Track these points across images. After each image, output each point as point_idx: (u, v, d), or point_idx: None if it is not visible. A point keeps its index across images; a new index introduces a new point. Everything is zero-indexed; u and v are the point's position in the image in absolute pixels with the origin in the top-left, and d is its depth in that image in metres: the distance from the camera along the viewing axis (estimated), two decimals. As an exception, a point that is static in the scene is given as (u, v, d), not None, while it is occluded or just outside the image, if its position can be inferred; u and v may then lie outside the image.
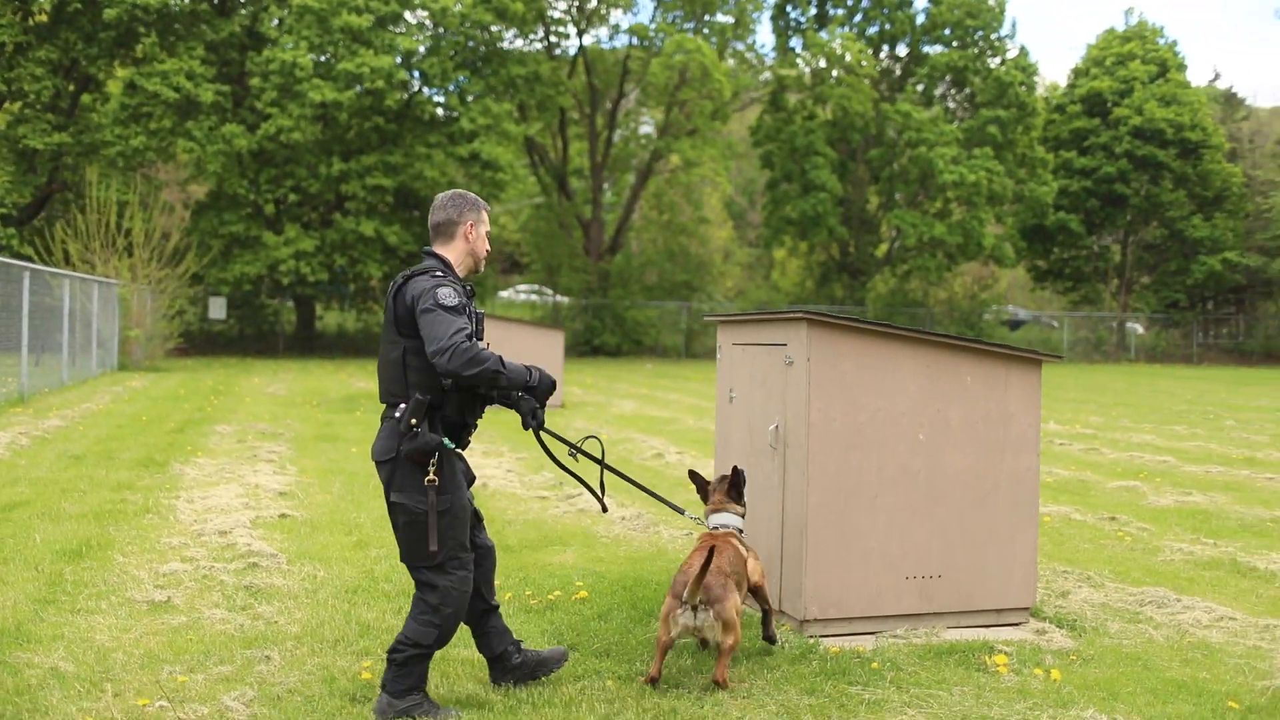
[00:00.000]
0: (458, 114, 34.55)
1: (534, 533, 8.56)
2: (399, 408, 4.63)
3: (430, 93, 35.60)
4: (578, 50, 42.46)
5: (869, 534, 6.11)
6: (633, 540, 8.45)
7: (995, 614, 6.37)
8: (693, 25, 42.91)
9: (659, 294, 45.12)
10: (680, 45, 37.93)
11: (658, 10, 42.72)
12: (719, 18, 42.65)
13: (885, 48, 47.11)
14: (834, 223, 43.84)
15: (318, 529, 8.40)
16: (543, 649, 5.25)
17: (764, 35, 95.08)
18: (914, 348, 6.20)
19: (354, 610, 6.22)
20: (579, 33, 42.53)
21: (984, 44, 44.84)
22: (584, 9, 42.04)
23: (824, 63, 44.21)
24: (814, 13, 46.18)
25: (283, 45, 32.39)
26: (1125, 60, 46.95)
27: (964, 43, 45.25)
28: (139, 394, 19.96)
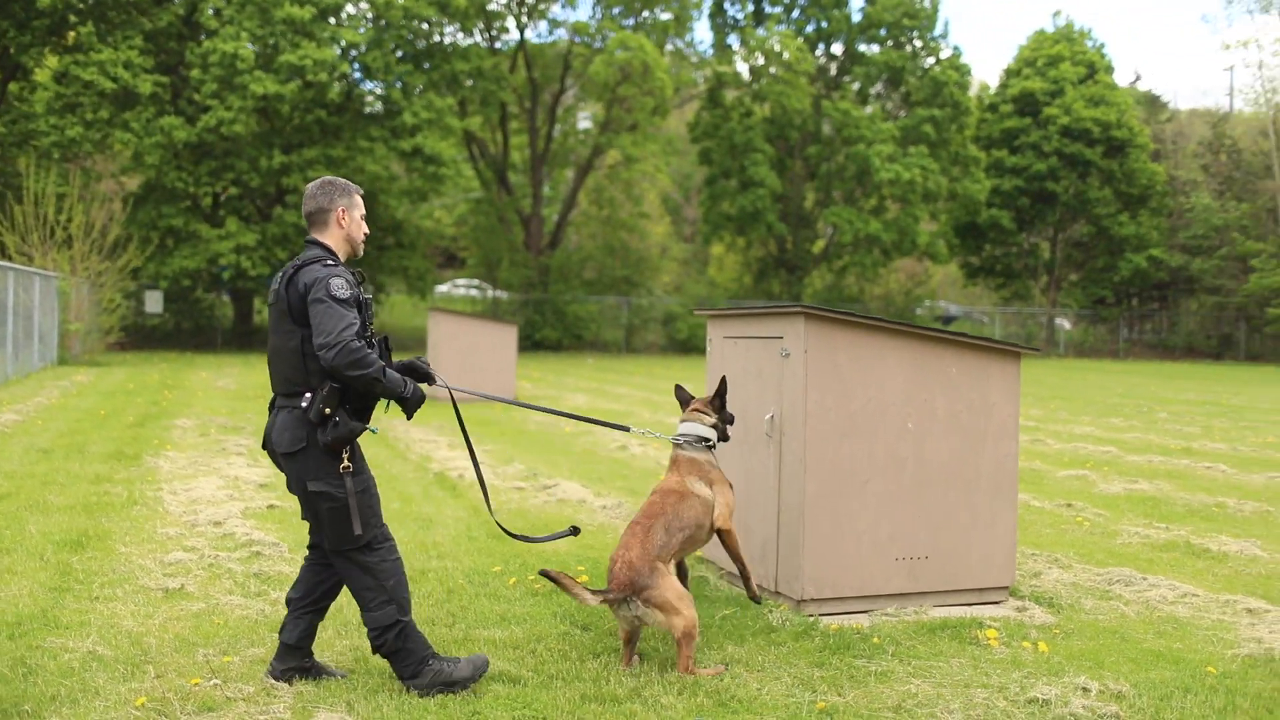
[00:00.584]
0: (400, 108, 34.44)
1: (521, 521, 8.77)
2: (302, 397, 4.64)
3: (372, 86, 35.45)
4: (518, 45, 42.49)
5: (861, 518, 6.43)
6: (617, 527, 8.70)
7: (978, 593, 6.73)
8: (632, 22, 43.16)
9: (599, 289, 45.34)
10: (623, 42, 38.17)
11: (598, 6, 42.91)
12: (659, 15, 42.86)
13: (821, 46, 47.75)
14: (772, 219, 44.42)
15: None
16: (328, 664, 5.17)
17: (702, 32, 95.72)
18: (903, 340, 6.53)
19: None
20: (519, 27, 42.59)
21: (920, 44, 45.69)
22: (524, 3, 42.09)
23: (761, 60, 44.75)
24: (751, 9, 46.68)
25: (223, 36, 32.03)
26: (1055, 61, 48.12)
27: (899, 42, 46.07)
28: (88, 388, 19.75)
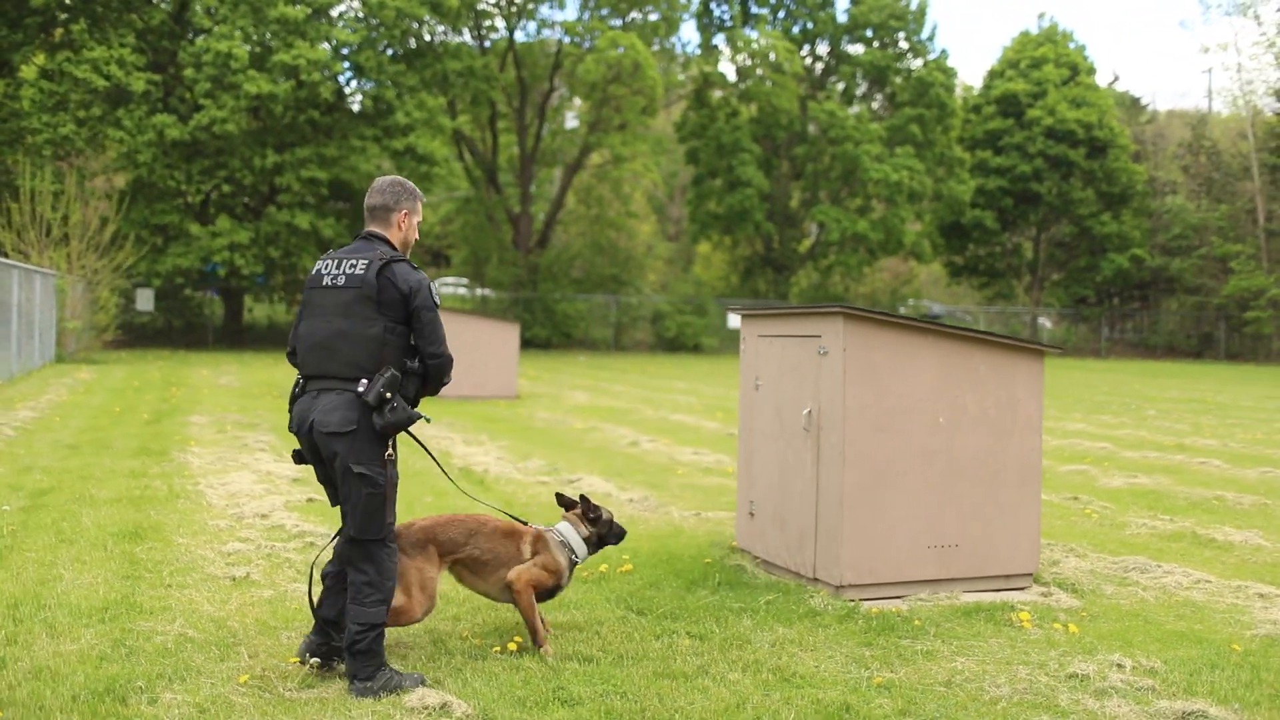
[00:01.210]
0: (393, 107, 34.63)
1: (554, 514, 9.06)
2: (359, 381, 4.79)
3: (364, 85, 35.61)
4: (508, 44, 42.71)
5: (896, 508, 6.76)
6: (647, 520, 9.01)
7: (1004, 579, 7.07)
8: (620, 22, 43.45)
9: (587, 287, 45.62)
10: (614, 41, 38.45)
11: (586, 7, 43.16)
12: (648, 15, 43.18)
13: (806, 46, 48.18)
14: (760, 218, 44.83)
15: (350, 511, 8.80)
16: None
17: (688, 32, 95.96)
18: (935, 339, 6.87)
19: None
20: (508, 27, 42.79)
21: (906, 45, 46.19)
22: (513, 2, 42.30)
23: (747, 60, 45.16)
24: (738, 10, 47.05)
25: (217, 35, 32.15)
26: (1039, 63, 48.68)
27: (884, 43, 46.55)
28: (94, 386, 19.92)
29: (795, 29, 47.58)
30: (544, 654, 5.31)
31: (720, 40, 47.53)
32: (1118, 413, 20.40)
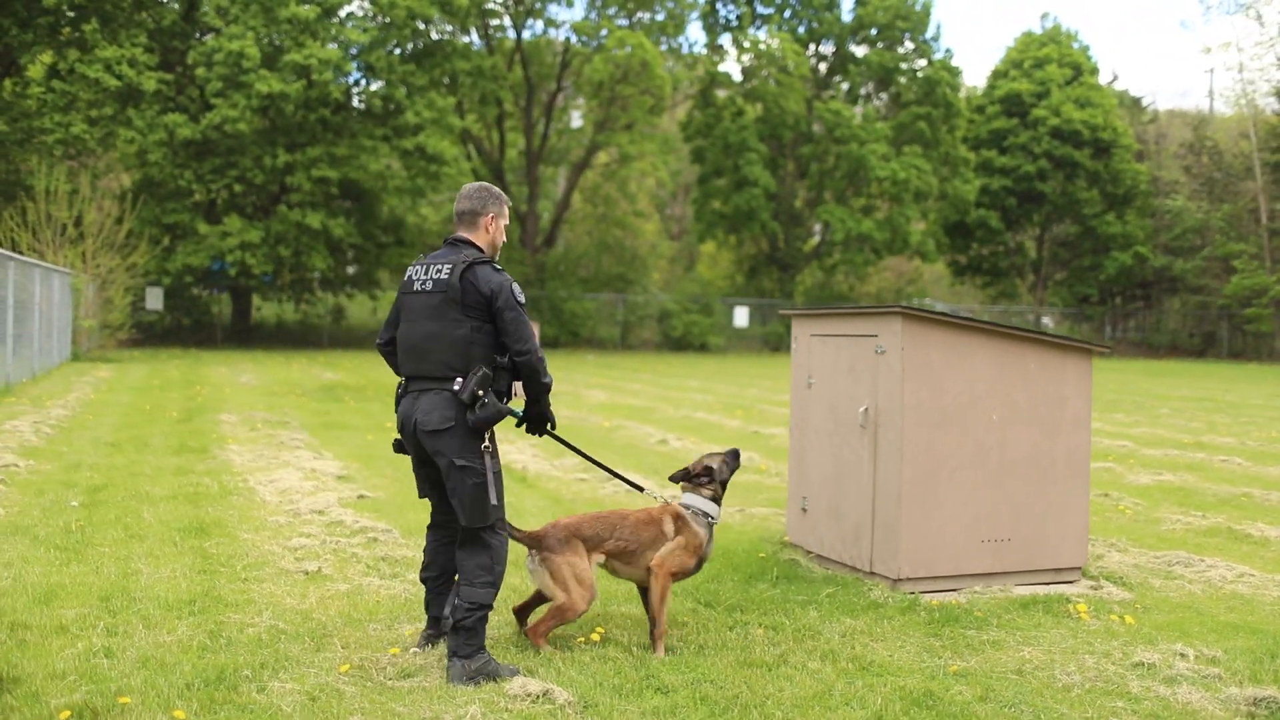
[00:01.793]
0: (403, 107, 34.77)
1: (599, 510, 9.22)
2: (453, 380, 5.04)
3: (375, 85, 35.75)
4: (515, 44, 42.86)
5: (951, 503, 6.94)
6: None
7: (1054, 572, 7.24)
8: (627, 22, 43.62)
9: (594, 286, 45.79)
10: (623, 41, 38.61)
11: (593, 7, 43.33)
12: (656, 15, 43.36)
13: (811, 46, 48.38)
14: (766, 217, 45.03)
15: (404, 508, 8.96)
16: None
17: (694, 32, 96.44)
18: (987, 338, 7.04)
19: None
20: (516, 26, 42.94)
21: (911, 45, 46.41)
22: (521, 1, 42.46)
23: (753, 60, 45.35)
24: (744, 10, 47.22)
25: (228, 35, 32.28)
26: (1042, 63, 48.89)
27: (889, 44, 46.76)
28: (115, 384, 20.06)
29: (801, 29, 47.76)
30: (657, 651, 5.41)
31: (726, 40, 47.76)
32: (1130, 411, 20.58)
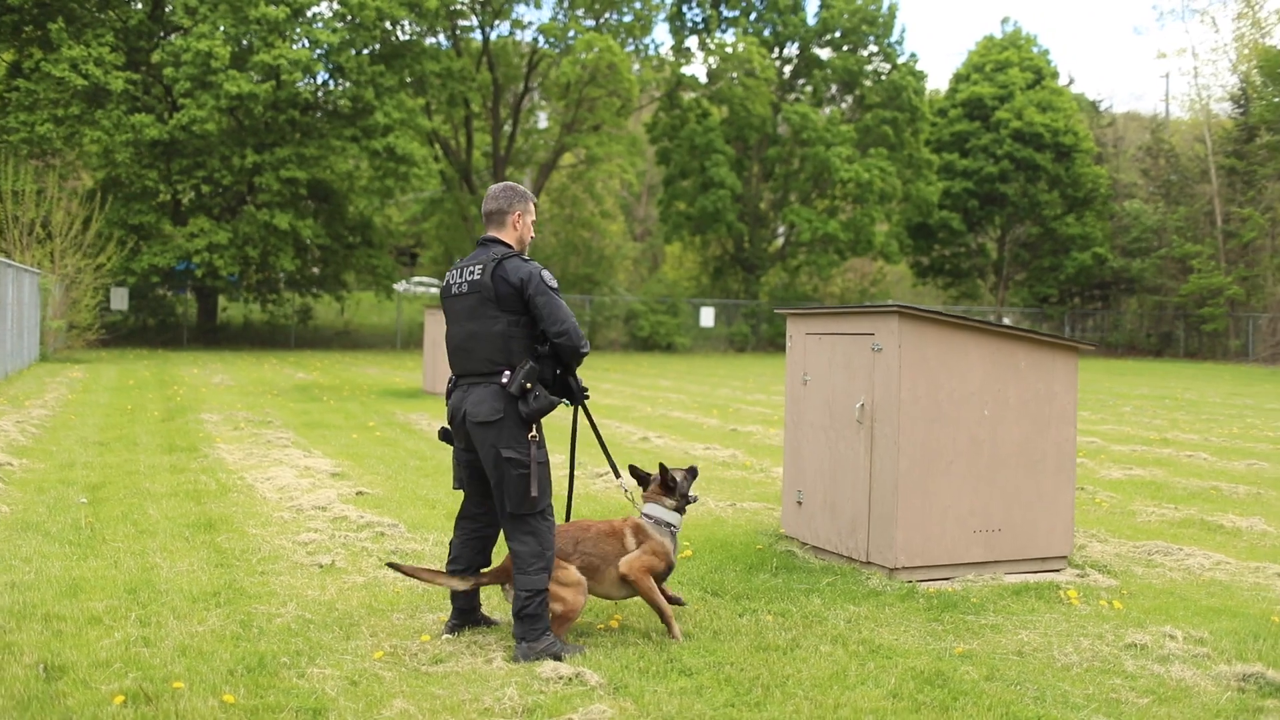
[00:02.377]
0: (373, 108, 34.75)
1: (592, 505, 9.44)
2: (502, 374, 5.24)
3: (344, 86, 35.69)
4: (482, 45, 42.92)
5: (945, 494, 7.20)
6: (689, 511, 9.36)
7: (1041, 561, 7.53)
8: (594, 23, 43.79)
9: (561, 286, 45.45)
10: (591, 43, 38.80)
11: (560, 8, 43.48)
12: (623, 17, 43.57)
13: (776, 49, 48.78)
14: (732, 218, 45.39)
15: (403, 504, 9.13)
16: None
17: (660, 34, 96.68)
18: (980, 336, 7.31)
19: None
20: (482, 27, 43.00)
21: (876, 49, 46.92)
22: (489, 3, 42.53)
23: (716, 62, 45.70)
24: (711, 12, 47.54)
25: (196, 34, 32.15)
26: (1004, 67, 49.58)
27: (854, 47, 47.26)
28: (91, 384, 20.01)
29: (766, 32, 48.15)
30: (678, 640, 5.56)
31: (693, 42, 48.10)
32: (1095, 409, 21.03)
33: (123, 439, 12.63)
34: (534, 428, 5.30)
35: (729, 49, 44.95)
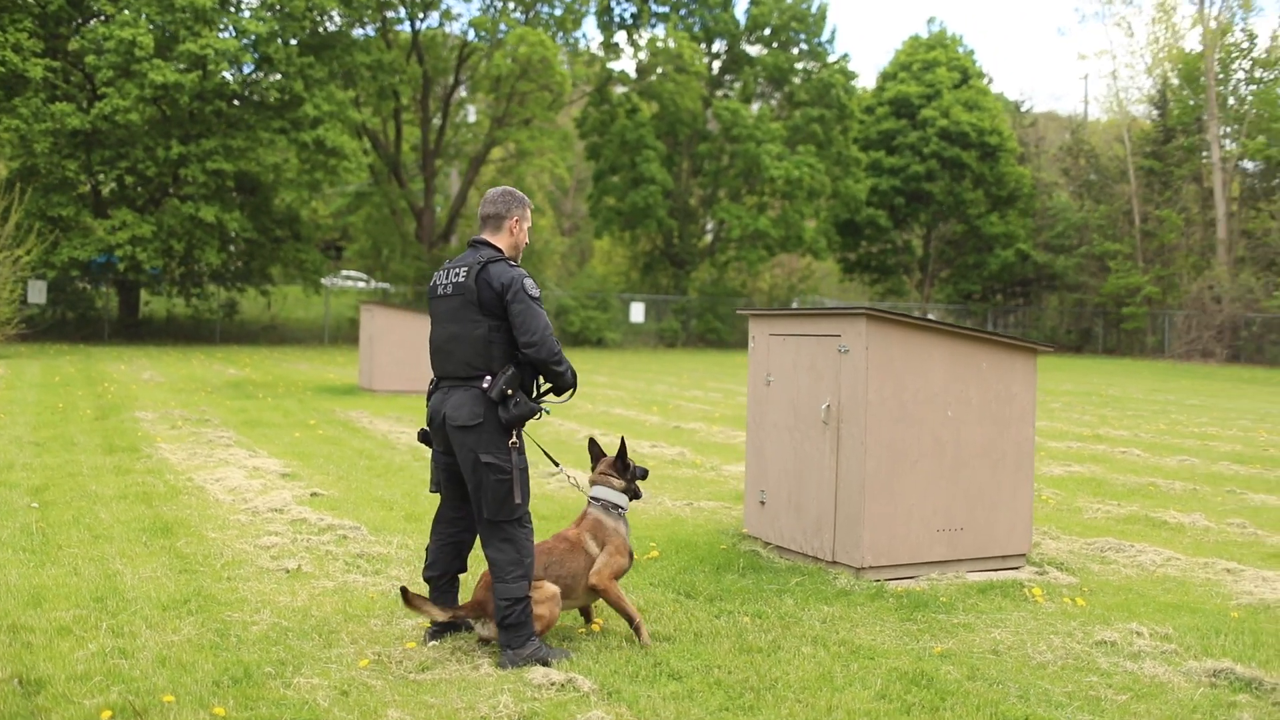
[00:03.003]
0: (302, 99, 34.18)
1: (551, 505, 9.41)
2: (483, 378, 5.20)
3: (273, 77, 35.04)
4: (412, 37, 42.46)
5: (910, 494, 7.30)
6: (646, 510, 9.40)
7: (1001, 559, 7.67)
8: (523, 17, 43.54)
9: (491, 281, 45.46)
10: (523, 37, 38.58)
11: (491, 1, 43.15)
12: (554, 9, 43.39)
13: (705, 45, 48.94)
14: (662, 214, 45.48)
15: (360, 505, 9.02)
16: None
17: (589, 29, 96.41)
18: (943, 338, 7.43)
19: (473, 569, 6.96)
20: (412, 19, 42.51)
21: (806, 47, 47.30)
22: (418, -5, 42.08)
23: (646, 57, 45.73)
24: (640, 7, 47.54)
25: (119, 22, 31.33)
26: (931, 66, 50.27)
27: (784, 44, 47.61)
28: (15, 381, 19.43)
29: (696, 27, 48.27)
30: (646, 644, 5.54)
31: (622, 38, 48.05)
32: (1026, 405, 21.42)
33: (58, 439, 12.30)
34: (515, 434, 5.28)
35: (659, 44, 45.00)
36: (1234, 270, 43.67)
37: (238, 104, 34.69)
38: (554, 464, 6.08)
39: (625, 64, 45.68)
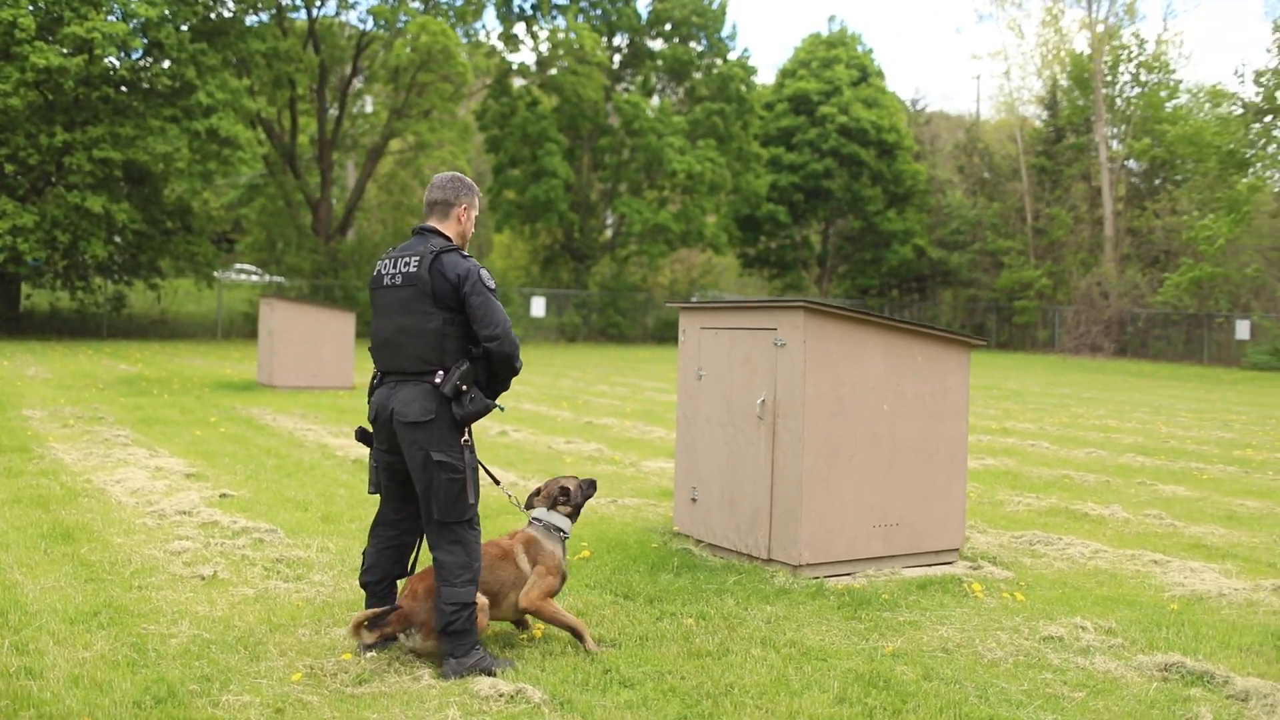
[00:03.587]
0: (194, 87, 33.07)
1: (481, 508, 9.10)
2: (435, 373, 4.97)
3: (163, 63, 33.81)
4: (309, 25, 41.45)
5: (846, 489, 7.20)
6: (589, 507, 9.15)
7: (935, 554, 7.62)
8: (423, 6, 42.80)
9: (390, 275, 44.66)
10: (424, 27, 37.91)
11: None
12: (455, 0, 42.77)
13: (605, 39, 48.74)
14: (564, 208, 45.16)
15: (273, 507, 8.62)
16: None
17: (488, 20, 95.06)
18: (879, 331, 7.34)
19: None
20: (307, 6, 41.48)
21: (707, 43, 47.40)
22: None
23: (547, 48, 45.39)
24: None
25: (-3, 2, 29.94)
26: (830, 63, 50.80)
27: (684, 39, 47.65)
28: (-112, 379, 18.41)
29: (597, 20, 48.03)
30: (594, 651, 5.30)
31: (521, 29, 47.59)
32: (931, 398, 21.68)
33: (-60, 440, 11.61)
34: (466, 432, 5.04)
35: (560, 35, 44.65)
36: (1120, 267, 44.99)
37: (126, 90, 33.42)
38: (494, 480, 5.85)
39: (526, 56, 45.09)
